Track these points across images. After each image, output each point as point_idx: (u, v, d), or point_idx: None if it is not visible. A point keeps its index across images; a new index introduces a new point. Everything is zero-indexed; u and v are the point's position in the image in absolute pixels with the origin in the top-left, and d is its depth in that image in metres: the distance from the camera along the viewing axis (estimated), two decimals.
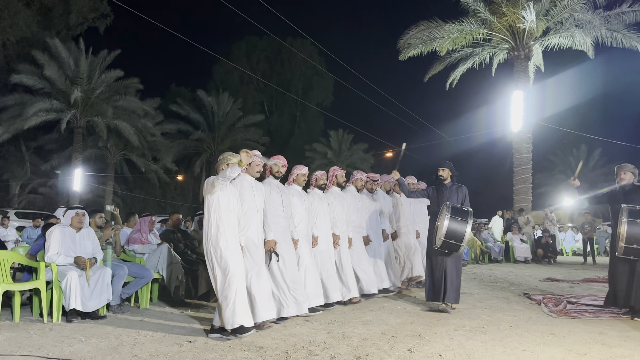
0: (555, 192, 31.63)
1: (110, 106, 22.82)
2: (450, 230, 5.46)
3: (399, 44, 17.31)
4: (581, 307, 6.12)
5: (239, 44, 40.65)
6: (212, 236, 4.43)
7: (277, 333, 4.59)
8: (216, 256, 4.41)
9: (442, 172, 6.02)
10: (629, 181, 5.75)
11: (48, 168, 26.09)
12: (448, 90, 18.92)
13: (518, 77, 17.02)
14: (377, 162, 34.05)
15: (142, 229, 6.59)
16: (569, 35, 16.53)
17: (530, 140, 16.94)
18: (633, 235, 5.21)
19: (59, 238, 5.30)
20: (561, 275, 10.14)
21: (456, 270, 5.82)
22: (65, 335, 4.48)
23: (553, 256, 14.20)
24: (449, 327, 4.89)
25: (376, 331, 4.68)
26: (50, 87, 22.15)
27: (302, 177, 5.82)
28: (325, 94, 40.89)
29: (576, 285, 8.48)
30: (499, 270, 11.29)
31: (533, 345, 4.17)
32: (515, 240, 14.37)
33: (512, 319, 5.38)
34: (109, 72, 23.25)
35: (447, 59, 18.02)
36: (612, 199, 5.88)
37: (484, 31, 16.61)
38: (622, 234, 5.29)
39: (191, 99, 32.16)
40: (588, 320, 5.33)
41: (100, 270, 5.33)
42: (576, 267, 12.74)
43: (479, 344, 4.23)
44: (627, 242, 5.26)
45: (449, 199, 5.80)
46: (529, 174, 16.89)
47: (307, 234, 5.74)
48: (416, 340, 4.34)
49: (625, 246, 5.29)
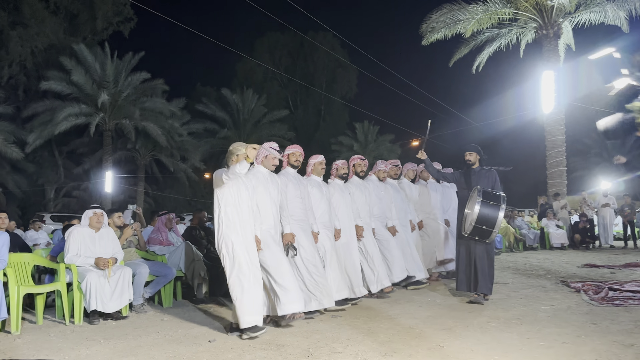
0: (591, 176, 30.54)
1: (137, 108, 23.06)
2: (481, 216, 5.14)
3: (422, 28, 16.85)
4: (624, 293, 5.74)
5: (261, 40, 40.60)
6: (222, 231, 4.27)
7: (298, 329, 4.41)
8: (227, 252, 4.25)
9: (470, 157, 5.71)
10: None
11: (80, 171, 26.60)
12: (475, 74, 18.36)
13: (548, 56, 16.35)
14: (404, 152, 33.50)
15: (161, 229, 6.50)
16: (600, 10, 15.76)
17: (562, 122, 16.27)
18: None
19: (78, 239, 5.25)
20: (601, 261, 9.65)
21: (488, 258, 5.51)
22: (85, 337, 4.41)
23: (591, 241, 13.62)
24: (482, 319, 4.62)
25: (404, 325, 4.45)
26: (78, 92, 22.51)
27: (320, 166, 5.58)
28: (349, 86, 40.49)
29: (617, 271, 8.03)
30: (534, 258, 10.86)
31: (573, 337, 3.88)
32: (550, 226, 13.83)
33: (549, 308, 5.06)
34: (134, 74, 23.49)
35: (472, 41, 17.45)
36: None
37: (510, 10, 16.01)
38: None
39: (216, 98, 32.28)
40: (632, 308, 4.98)
41: (120, 270, 5.26)
42: (616, 251, 12.17)
43: (515, 336, 3.96)
44: None
45: (477, 183, 5.48)
46: (562, 157, 16.25)
47: (329, 226, 5.53)
48: (446, 334, 4.09)
49: None
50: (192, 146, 26.81)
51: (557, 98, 16.16)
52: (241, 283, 4.19)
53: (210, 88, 35.62)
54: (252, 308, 4.16)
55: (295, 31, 31.25)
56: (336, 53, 34.90)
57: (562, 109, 16.40)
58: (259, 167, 4.81)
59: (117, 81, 23.17)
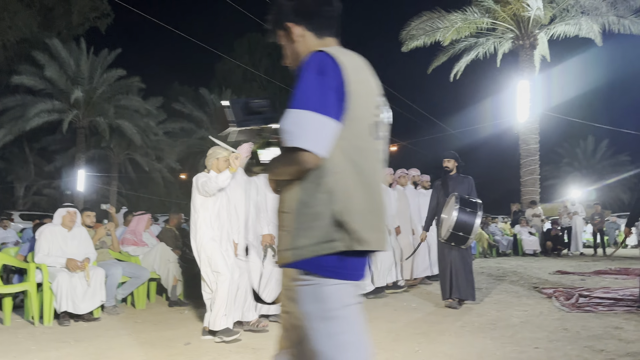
0: (563, 185, 31.25)
1: (112, 106, 22.68)
2: (459, 222, 5.19)
3: (402, 35, 17.02)
4: (594, 300, 5.87)
5: (241, 41, 40.40)
6: (200, 235, 4.20)
7: (274, 333, 4.37)
8: (202, 254, 4.18)
9: (448, 163, 5.78)
10: None
11: (52, 169, 26.01)
12: (452, 82, 18.63)
13: (523, 66, 16.70)
14: None
15: (136, 229, 6.37)
16: (575, 23, 16.17)
17: (537, 131, 16.62)
18: None
19: (50, 238, 5.11)
20: (571, 268, 9.86)
21: (465, 264, 5.56)
22: (55, 339, 4.30)
23: (562, 248, 13.90)
24: (457, 324, 4.67)
25: (381, 329, 4.45)
26: (51, 88, 22.01)
27: None
28: None
29: (587, 278, 8.21)
30: (508, 264, 11.03)
31: (545, 342, 3.94)
32: (523, 233, 14.08)
33: (522, 314, 5.14)
34: (110, 71, 23.09)
35: (450, 49, 17.70)
36: None
37: (488, 20, 16.30)
38: None
39: (194, 98, 31.93)
40: (602, 314, 5.08)
41: (93, 270, 5.14)
42: (586, 259, 12.45)
43: (488, 341, 4.00)
44: None
45: (455, 190, 5.55)
46: (536, 165, 16.59)
47: None
48: (422, 338, 4.11)
49: None
50: (167, 146, 26.49)
51: (531, 107, 16.51)
52: (216, 286, 4.13)
53: (188, 87, 35.25)
54: (225, 311, 4.10)
55: None
56: None
57: (536, 118, 16.76)
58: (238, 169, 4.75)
59: (92, 78, 22.74)
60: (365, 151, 1.54)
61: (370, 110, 1.57)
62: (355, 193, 1.48)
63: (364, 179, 1.51)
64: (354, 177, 1.49)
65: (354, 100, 1.50)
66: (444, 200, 5.65)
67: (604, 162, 36.03)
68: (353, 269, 1.50)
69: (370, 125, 1.56)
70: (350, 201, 1.46)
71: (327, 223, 1.44)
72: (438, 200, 5.82)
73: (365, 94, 1.56)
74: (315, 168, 1.45)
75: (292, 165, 1.45)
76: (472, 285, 5.59)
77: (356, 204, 1.47)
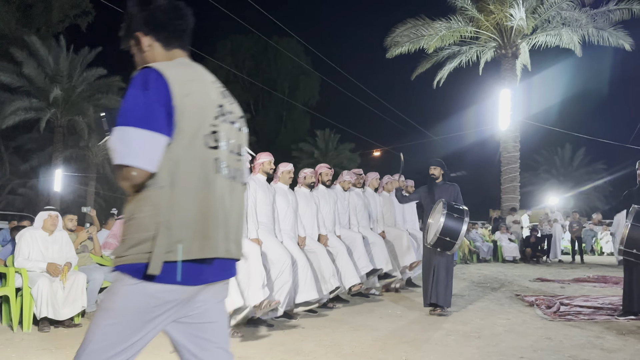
0: (540, 192, 31.73)
1: (92, 105, 22.31)
2: (446, 227, 5.24)
3: (386, 41, 17.14)
4: (574, 308, 5.96)
5: (224, 42, 40.20)
6: None
7: (261, 341, 4.35)
8: None
9: (434, 171, 5.84)
10: None
11: (28, 168, 25.47)
12: (436, 89, 18.82)
13: (505, 75, 16.95)
14: (364, 161, 33.87)
15: (118, 233, 6.25)
16: (556, 34, 16.49)
17: (517, 139, 16.88)
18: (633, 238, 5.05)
19: (30, 242, 4.99)
20: (551, 275, 10.02)
21: (446, 270, 5.60)
22: (35, 346, 4.19)
23: (541, 255, 14.12)
24: (441, 332, 4.69)
25: (367, 338, 4.45)
26: (29, 85, 21.58)
27: (288, 175, 5.53)
28: (311, 93, 40.61)
29: (567, 285, 8.36)
30: (488, 270, 11.15)
31: (530, 351, 3.99)
32: (503, 239, 14.26)
33: (505, 322, 5.20)
34: (90, 70, 22.74)
35: (434, 57, 17.88)
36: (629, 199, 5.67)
37: (472, 29, 16.51)
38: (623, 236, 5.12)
39: None
40: (583, 323, 5.17)
41: (74, 275, 5.04)
42: (564, 266, 12.66)
43: (474, 350, 4.03)
44: (626, 246, 5.10)
45: (440, 197, 5.60)
46: (516, 173, 16.83)
47: (294, 235, 5.49)
48: (408, 347, 4.12)
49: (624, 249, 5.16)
50: None
51: (512, 116, 16.75)
52: None
53: None
54: None
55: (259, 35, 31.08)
56: (300, 60, 34.94)
57: (517, 127, 17.02)
58: None
59: (72, 76, 22.36)
60: (197, 162, 1.58)
61: (206, 121, 1.61)
62: (181, 205, 1.53)
63: (194, 190, 1.55)
64: (182, 188, 1.54)
65: (184, 113, 1.54)
66: (430, 207, 5.69)
67: (581, 170, 36.75)
68: (184, 274, 1.53)
69: (206, 136, 1.59)
70: (175, 213, 1.52)
71: (151, 234, 1.50)
72: (423, 203, 5.88)
73: (199, 106, 1.60)
74: (145, 181, 1.52)
75: (124, 181, 1.51)
76: (449, 292, 5.65)
77: (181, 216, 1.52)
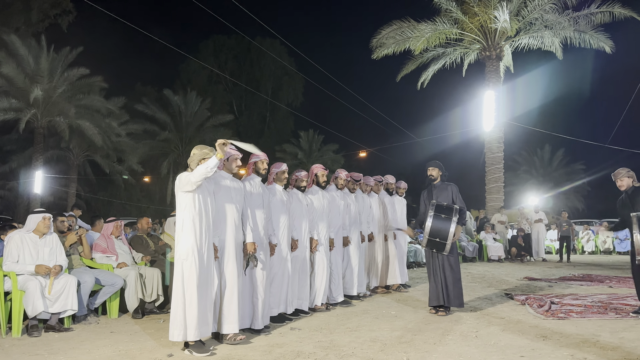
0: (521, 192, 32.15)
1: (73, 105, 21.91)
2: (434, 229, 5.35)
3: (372, 43, 17.20)
4: (565, 307, 6.04)
5: (207, 42, 39.97)
6: (183, 237, 4.04)
7: (259, 344, 4.30)
8: (184, 259, 4.00)
9: (432, 172, 5.88)
10: (628, 186, 5.66)
11: (7, 170, 24.93)
12: (420, 91, 18.94)
13: (490, 77, 17.14)
14: (347, 162, 33.94)
15: (108, 235, 6.11)
16: (538, 36, 16.74)
17: (501, 140, 17.08)
18: None
19: (19, 245, 4.87)
20: (537, 274, 10.14)
21: (451, 270, 5.63)
22: (26, 352, 4.09)
23: (526, 254, 14.28)
24: (438, 332, 4.70)
25: (365, 339, 4.44)
26: (8, 86, 21.10)
27: (283, 175, 5.47)
28: (295, 94, 40.58)
29: (554, 284, 8.46)
30: (475, 270, 11.24)
31: (528, 350, 4.01)
32: (488, 239, 14.40)
33: (500, 321, 5.23)
34: (71, 70, 22.32)
35: (419, 58, 18.00)
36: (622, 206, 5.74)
37: (457, 31, 16.65)
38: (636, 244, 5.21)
39: (157, 99, 31.30)
40: (576, 321, 5.23)
41: (64, 278, 4.93)
42: (549, 265, 12.83)
43: (473, 349, 4.04)
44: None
45: (438, 198, 5.64)
46: (500, 173, 17.03)
47: (288, 238, 5.43)
48: (407, 347, 4.12)
49: None
50: (129, 147, 25.78)
51: (496, 117, 16.94)
52: (185, 295, 3.94)
53: (151, 88, 34.54)
54: (193, 322, 3.92)
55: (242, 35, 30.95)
56: (283, 60, 34.88)
57: (501, 127, 17.21)
58: (220, 171, 4.61)
59: (52, 76, 21.94)
60: None
61: None
62: None
63: None
64: None
65: None
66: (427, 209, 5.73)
67: (560, 170, 37.39)
68: None
69: None
70: None
71: None
72: (426, 209, 5.90)
73: None
74: None
75: None
76: (459, 292, 5.65)
77: None
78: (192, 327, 3.90)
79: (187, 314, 3.91)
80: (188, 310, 3.91)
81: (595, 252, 17.92)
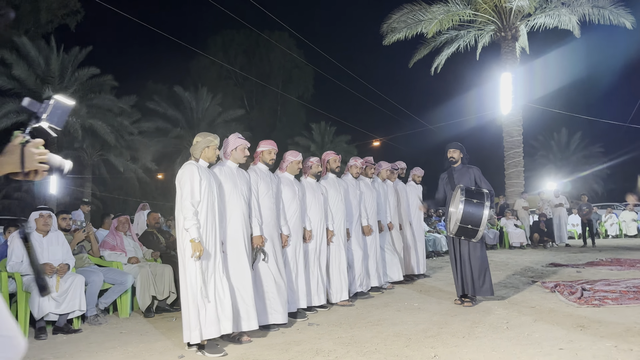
0: (538, 177, 31.49)
1: (85, 105, 21.92)
2: (466, 215, 4.93)
3: (383, 28, 16.77)
4: (599, 293, 5.69)
5: (215, 38, 39.77)
6: (184, 233, 3.78)
7: (275, 341, 4.05)
8: (185, 254, 3.78)
9: (453, 154, 5.51)
10: None
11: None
12: (434, 76, 18.47)
13: (506, 58, 16.61)
14: (360, 153, 33.52)
15: (117, 232, 5.90)
16: (555, 15, 16.16)
17: (520, 123, 16.57)
18: None
19: (23, 244, 4.66)
20: (562, 260, 9.75)
21: (480, 258, 5.29)
22: (32, 356, 3.88)
23: (549, 240, 13.85)
24: (466, 324, 4.40)
25: (388, 333, 4.16)
26: (20, 87, 21.17)
27: (297, 165, 5.19)
28: (305, 86, 40.26)
29: (582, 270, 8.09)
30: (497, 257, 10.87)
31: (566, 341, 3.70)
32: (509, 225, 13.99)
33: (530, 310, 4.91)
34: (82, 70, 22.33)
35: (431, 42, 17.52)
36: None
37: (470, 12, 16.15)
38: None
39: (168, 96, 31.22)
40: (613, 308, 4.89)
41: (72, 277, 4.73)
42: (574, 250, 12.40)
43: (506, 342, 3.74)
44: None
45: (460, 181, 5.28)
46: (520, 157, 16.53)
47: (299, 228, 5.15)
48: (435, 342, 3.83)
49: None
50: (142, 145, 25.77)
51: (514, 100, 16.44)
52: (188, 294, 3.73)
53: (162, 85, 34.46)
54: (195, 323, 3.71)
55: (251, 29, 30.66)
56: (292, 53, 34.55)
57: (519, 110, 16.70)
58: (226, 161, 4.37)
59: (63, 77, 21.96)
60: None
61: None
62: None
63: None
64: None
65: None
66: (451, 194, 5.39)
67: (578, 154, 36.52)
68: None
69: None
70: None
71: None
72: (445, 193, 5.54)
73: None
74: None
75: None
76: (488, 281, 5.32)
77: None
78: (200, 328, 3.69)
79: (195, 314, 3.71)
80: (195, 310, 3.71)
81: (619, 236, 17.39)
